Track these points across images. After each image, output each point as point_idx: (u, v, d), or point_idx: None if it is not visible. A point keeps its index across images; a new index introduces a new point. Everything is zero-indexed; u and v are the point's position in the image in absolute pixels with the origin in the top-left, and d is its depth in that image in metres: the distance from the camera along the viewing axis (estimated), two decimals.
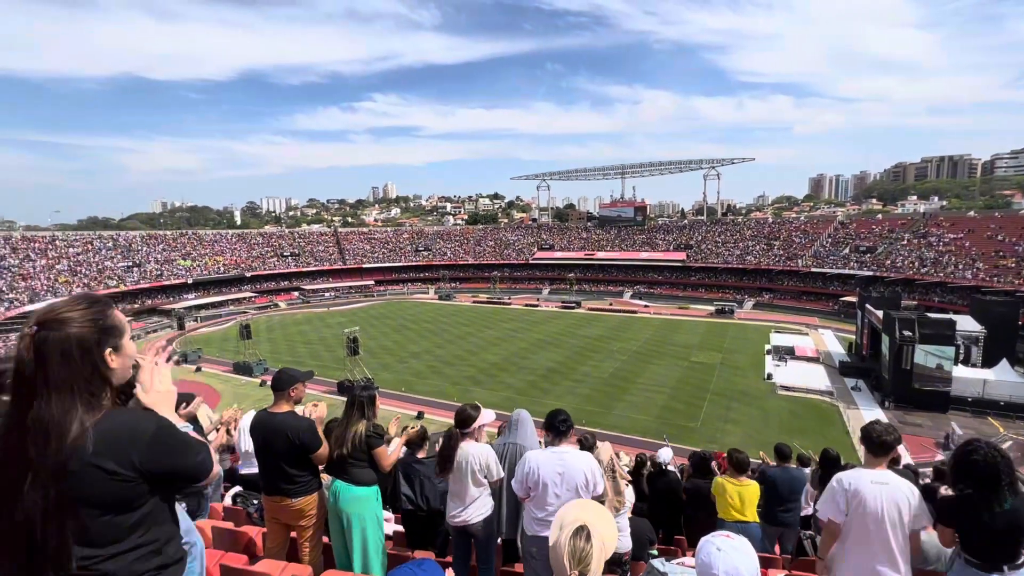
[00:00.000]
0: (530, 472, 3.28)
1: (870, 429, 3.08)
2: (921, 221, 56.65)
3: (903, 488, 2.82)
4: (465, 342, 41.94)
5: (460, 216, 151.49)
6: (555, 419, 3.43)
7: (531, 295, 70.33)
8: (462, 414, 3.82)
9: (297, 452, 3.33)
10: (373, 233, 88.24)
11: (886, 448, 3.00)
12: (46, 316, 1.30)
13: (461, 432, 3.78)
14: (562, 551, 1.55)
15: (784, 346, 36.41)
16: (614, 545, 1.66)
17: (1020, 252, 43.21)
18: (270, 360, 34.78)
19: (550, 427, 3.44)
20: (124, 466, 1.30)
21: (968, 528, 2.75)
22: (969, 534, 2.76)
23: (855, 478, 2.93)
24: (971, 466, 2.76)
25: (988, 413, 24.54)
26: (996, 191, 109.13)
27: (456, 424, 3.83)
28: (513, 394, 27.61)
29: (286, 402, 3.44)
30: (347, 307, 63.05)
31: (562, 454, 3.27)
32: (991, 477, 2.71)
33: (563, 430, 3.38)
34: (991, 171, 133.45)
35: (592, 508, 1.75)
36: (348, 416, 3.57)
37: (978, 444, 2.81)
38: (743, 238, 67.00)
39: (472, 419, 3.78)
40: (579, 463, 3.25)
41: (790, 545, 5.63)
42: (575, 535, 1.55)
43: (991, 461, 2.72)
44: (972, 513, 2.75)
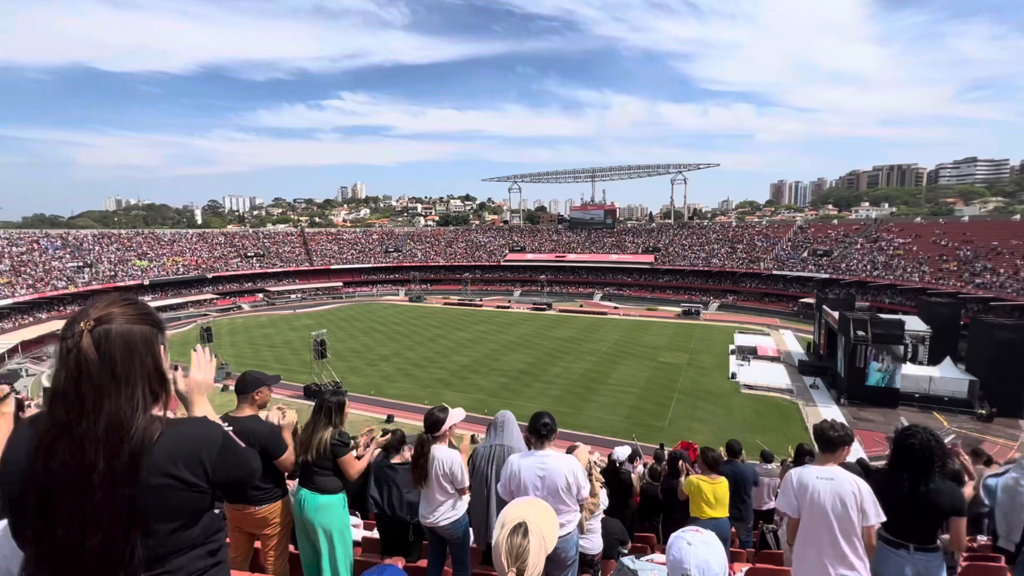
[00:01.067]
0: (512, 475, 3.29)
1: (821, 428, 3.23)
2: (873, 226, 59.58)
3: (848, 483, 2.92)
4: (436, 344, 41.61)
5: (431, 217, 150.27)
6: (538, 423, 3.44)
7: (503, 297, 70.41)
8: (431, 418, 3.79)
9: (260, 458, 3.24)
10: (342, 234, 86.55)
11: (834, 445, 3.14)
12: (101, 311, 1.22)
13: (432, 436, 3.76)
14: (500, 549, 1.56)
15: (747, 346, 37.60)
16: (555, 541, 1.68)
17: (961, 256, 45.97)
18: (233, 364, 33.62)
19: (533, 431, 3.46)
20: (199, 476, 1.25)
21: (890, 505, 2.92)
22: (891, 511, 2.93)
23: (803, 474, 3.06)
24: (908, 449, 2.94)
25: (933, 408, 25.98)
26: (940, 199, 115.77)
27: (426, 429, 3.80)
28: (484, 396, 27.54)
29: (250, 406, 3.33)
30: (314, 309, 61.61)
31: (544, 458, 3.29)
32: (925, 459, 2.90)
33: (544, 434, 3.39)
34: (936, 180, 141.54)
35: (534, 506, 1.76)
36: (315, 422, 3.48)
37: (916, 429, 3.00)
38: (708, 241, 68.91)
39: (441, 422, 3.76)
40: (561, 467, 3.28)
41: (743, 537, 5.83)
42: (512, 533, 1.56)
43: (926, 444, 2.92)
44: (897, 491, 2.93)
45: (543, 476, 3.22)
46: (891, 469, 3.09)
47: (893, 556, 2.94)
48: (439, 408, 3.86)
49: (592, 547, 3.88)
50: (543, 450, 3.35)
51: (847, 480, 2.96)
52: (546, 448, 3.37)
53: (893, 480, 2.99)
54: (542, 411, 3.53)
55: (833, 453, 3.15)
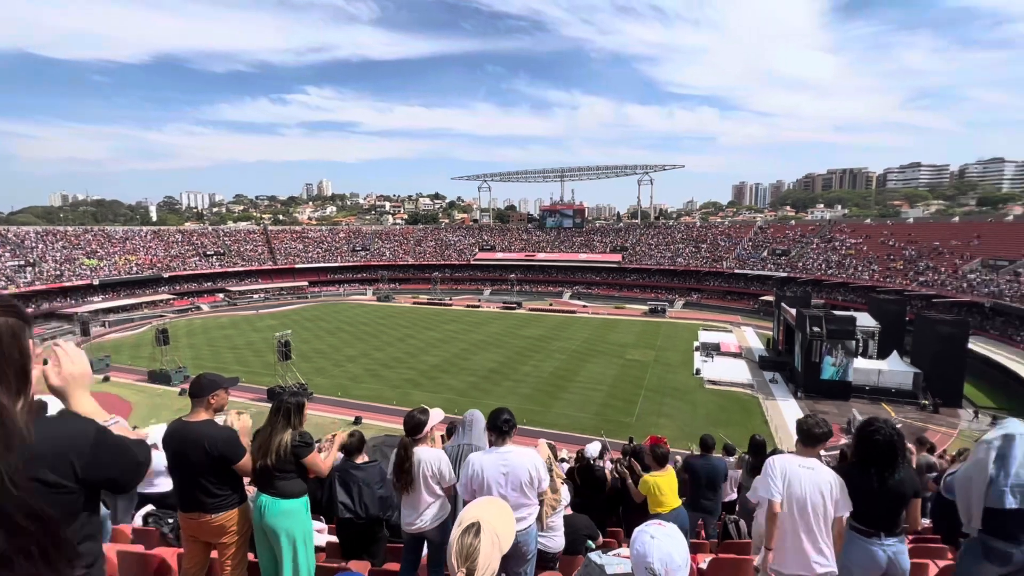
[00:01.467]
0: (474, 474, 3.27)
1: (804, 422, 3.36)
2: (827, 227, 62.34)
3: (827, 475, 3.08)
4: (405, 344, 41.12)
5: (399, 216, 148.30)
6: (498, 419, 3.42)
7: (473, 296, 70.16)
8: (412, 420, 3.71)
9: (217, 463, 3.10)
10: (307, 232, 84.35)
11: (817, 440, 3.28)
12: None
13: (413, 439, 3.69)
14: (451, 549, 1.56)
15: (711, 343, 38.72)
16: (510, 540, 1.68)
17: (907, 256, 48.65)
18: (191, 367, 32.30)
19: (493, 427, 3.45)
20: (64, 476, 1.17)
21: (860, 497, 3.07)
22: (860, 503, 3.08)
23: (787, 462, 3.18)
24: (873, 444, 3.08)
25: (882, 400, 27.42)
26: (888, 201, 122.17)
27: (407, 432, 3.73)
28: (454, 396, 27.38)
29: (205, 410, 3.19)
30: (278, 309, 59.86)
31: (506, 454, 3.29)
32: (890, 452, 3.05)
33: (506, 430, 3.38)
34: (884, 183, 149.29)
35: (490, 506, 1.77)
36: (272, 424, 3.34)
37: (878, 423, 3.14)
38: (674, 241, 70.59)
39: (423, 424, 3.70)
40: (523, 461, 3.28)
41: (712, 530, 6.01)
42: (464, 533, 1.57)
43: (889, 438, 3.07)
44: (866, 483, 3.08)
45: (506, 472, 3.21)
46: (857, 462, 3.22)
47: (866, 545, 3.05)
48: (419, 410, 3.79)
49: (553, 545, 3.87)
50: (504, 446, 3.34)
51: (826, 472, 3.11)
52: (507, 444, 3.37)
53: (861, 473, 3.12)
54: (501, 407, 3.51)
55: (815, 447, 3.28)
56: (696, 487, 6.03)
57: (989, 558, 3.23)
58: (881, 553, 3.00)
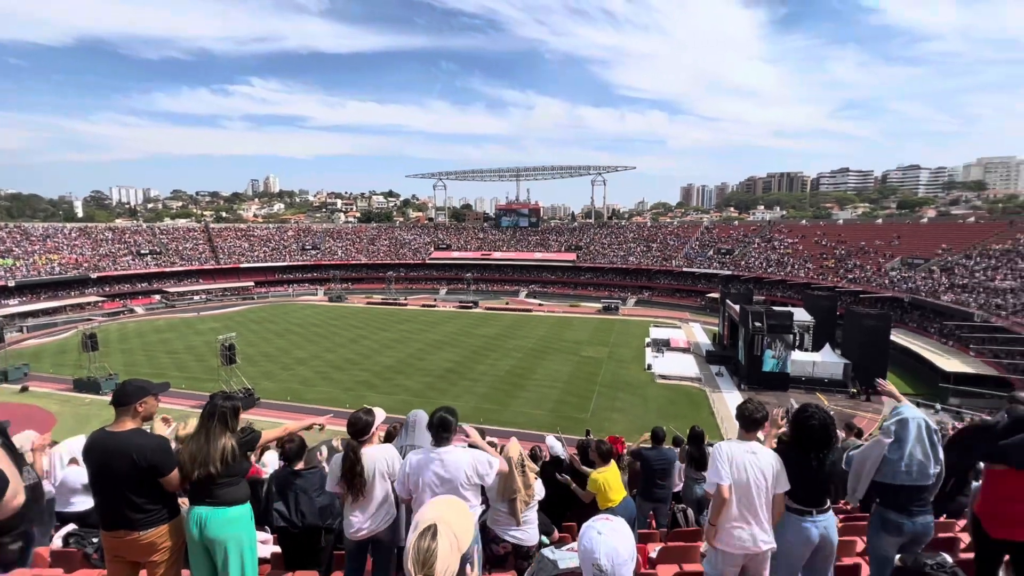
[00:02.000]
0: (409, 474, 3.23)
1: (743, 408, 3.52)
2: (767, 228, 65.89)
3: (768, 457, 3.26)
4: (358, 345, 40.10)
5: (352, 214, 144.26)
6: (432, 419, 3.38)
7: (428, 295, 69.39)
8: (358, 423, 3.59)
9: (145, 476, 2.87)
10: (253, 229, 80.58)
11: (757, 424, 3.44)
12: None
13: (360, 442, 3.57)
14: (408, 553, 1.50)
15: (661, 339, 40.05)
16: (469, 540, 1.63)
17: (837, 255, 52.17)
18: (124, 374, 30.14)
19: (429, 427, 3.41)
20: None
21: (795, 478, 3.28)
22: (795, 484, 3.28)
23: (733, 448, 3.33)
24: (809, 429, 3.29)
25: (816, 389, 29.28)
26: (821, 203, 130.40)
27: (353, 435, 3.59)
28: (410, 396, 26.99)
29: (132, 419, 2.94)
30: (221, 311, 56.88)
31: (442, 455, 3.24)
32: (823, 435, 3.27)
33: (443, 432, 3.33)
34: (817, 187, 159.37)
35: (448, 505, 1.72)
36: (206, 430, 3.06)
37: (812, 409, 3.35)
38: (626, 240, 72.52)
39: (370, 425, 3.58)
40: (460, 461, 3.25)
41: (664, 520, 6.23)
42: (421, 536, 1.51)
43: (822, 422, 3.29)
44: (801, 465, 3.28)
45: (442, 473, 3.18)
46: (793, 445, 3.42)
47: (800, 522, 3.26)
48: (364, 411, 3.67)
49: (528, 539, 3.90)
50: (443, 447, 3.30)
51: (768, 454, 3.28)
52: (449, 444, 3.33)
53: (796, 455, 3.32)
54: (441, 407, 3.48)
55: (755, 431, 3.45)
56: (648, 477, 6.23)
57: (886, 529, 3.55)
58: (814, 529, 3.21)
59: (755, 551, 3.19)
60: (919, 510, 3.48)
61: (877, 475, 3.58)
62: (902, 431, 3.54)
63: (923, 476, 3.44)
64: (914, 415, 3.59)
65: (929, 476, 3.45)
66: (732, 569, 3.28)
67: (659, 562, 4.07)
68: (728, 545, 3.26)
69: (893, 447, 3.54)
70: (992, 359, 29.33)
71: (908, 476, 3.46)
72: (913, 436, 3.50)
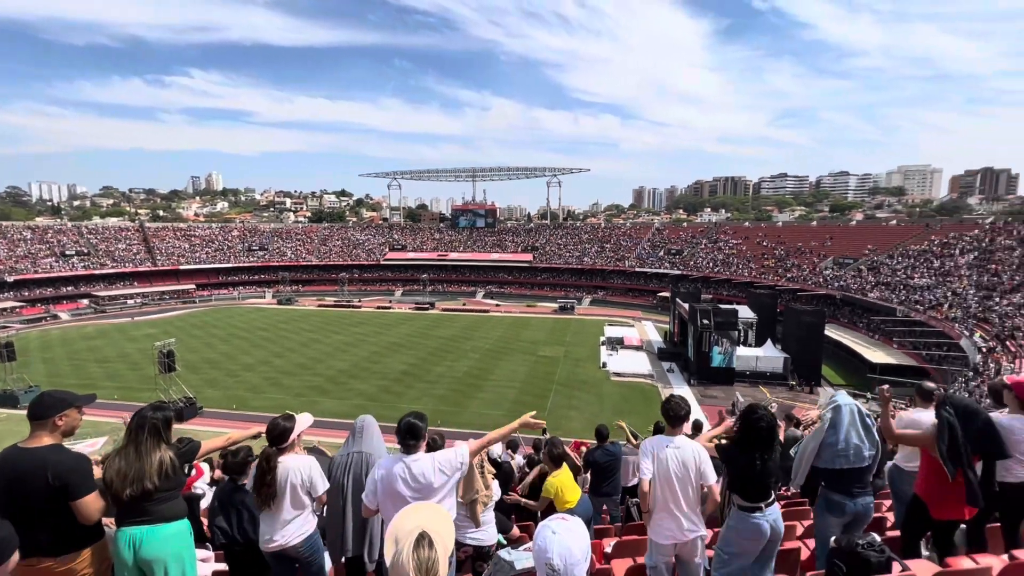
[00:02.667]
0: (380, 482, 3.18)
1: (666, 405, 3.66)
2: (713, 230, 68.88)
3: (692, 450, 3.42)
4: (309, 349, 38.76)
5: (302, 213, 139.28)
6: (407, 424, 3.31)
7: (383, 297, 68.05)
8: (275, 429, 3.45)
9: (61, 496, 2.59)
10: (194, 229, 76.18)
11: (681, 419, 3.59)
12: None
13: (279, 449, 3.44)
14: (407, 568, 1.40)
15: (615, 337, 41.04)
16: (453, 540, 1.62)
17: (777, 255, 55.25)
18: (46, 385, 27.74)
19: (398, 434, 3.38)
20: None
21: (742, 475, 3.46)
22: (741, 479, 3.46)
23: (656, 443, 3.51)
24: (757, 431, 3.46)
25: (759, 383, 30.88)
26: (762, 206, 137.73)
27: (271, 441, 3.44)
28: (364, 401, 26.36)
29: (49, 434, 2.65)
30: (159, 316, 53.50)
31: (409, 463, 3.21)
32: (769, 437, 3.45)
33: (409, 440, 3.28)
34: (759, 191, 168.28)
35: (425, 511, 1.66)
36: (135, 444, 2.79)
37: (760, 411, 3.52)
38: (581, 241, 73.83)
39: (288, 431, 3.46)
40: (427, 467, 3.21)
41: (615, 513, 6.41)
42: (417, 546, 1.42)
43: (770, 424, 3.47)
44: (748, 464, 3.46)
45: (411, 482, 3.15)
46: (740, 444, 3.57)
47: (750, 518, 3.40)
48: (283, 416, 3.54)
49: (487, 538, 3.91)
50: (411, 455, 3.26)
51: (691, 448, 3.44)
52: (418, 452, 3.30)
53: (743, 454, 3.48)
54: (411, 412, 3.40)
55: (680, 426, 3.59)
56: (596, 475, 6.41)
57: (830, 510, 3.84)
58: (764, 523, 3.39)
59: (683, 540, 3.34)
60: (860, 491, 3.76)
61: (819, 461, 3.84)
62: (837, 417, 3.82)
63: (860, 458, 3.71)
64: (847, 402, 3.88)
65: (865, 458, 3.72)
66: (665, 558, 3.42)
67: (614, 556, 4.17)
68: (658, 536, 3.40)
69: (830, 432, 3.82)
70: (912, 351, 31.93)
71: (846, 459, 3.73)
72: (847, 421, 3.78)
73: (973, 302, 32.11)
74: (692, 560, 3.43)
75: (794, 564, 3.99)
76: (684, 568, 3.48)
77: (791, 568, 3.93)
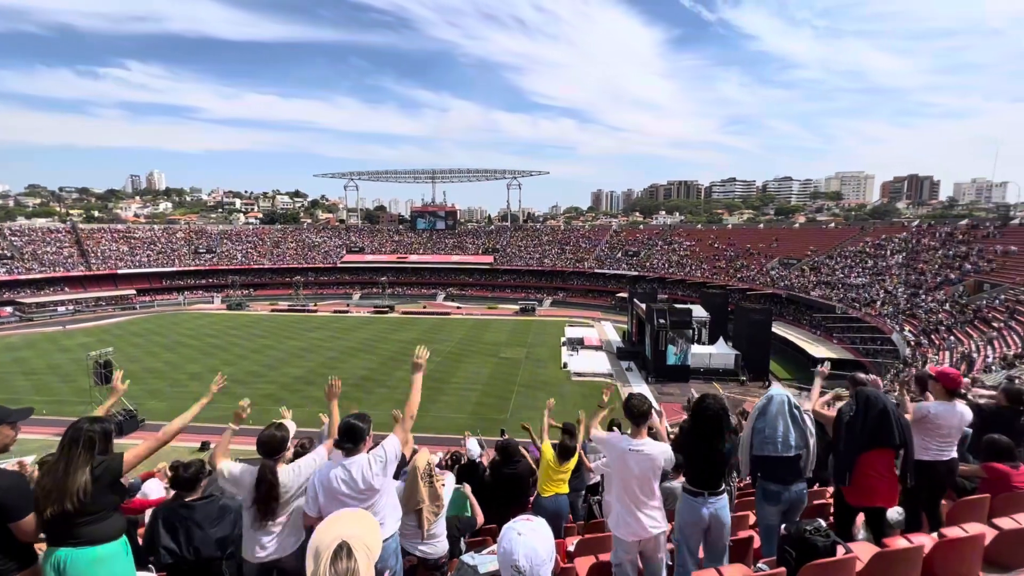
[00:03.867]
0: (320, 487, 3.08)
1: (628, 404, 3.75)
2: (668, 232, 71.12)
3: (653, 449, 3.51)
4: (262, 356, 37.26)
5: (253, 214, 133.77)
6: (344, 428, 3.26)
7: (340, 300, 66.33)
8: (271, 441, 3.33)
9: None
10: (133, 231, 71.73)
11: (644, 416, 3.69)
12: None
13: (275, 460, 3.33)
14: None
15: (576, 338, 41.62)
16: (379, 546, 1.58)
17: (728, 256, 57.65)
18: None
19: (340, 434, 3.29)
20: None
21: (693, 463, 3.58)
22: (693, 468, 3.59)
23: (616, 442, 3.59)
24: (706, 418, 3.60)
25: (713, 379, 32.09)
26: (713, 210, 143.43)
27: (267, 454, 3.33)
28: (321, 408, 25.19)
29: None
30: (95, 324, 50.04)
31: (348, 465, 3.14)
32: (718, 423, 3.59)
33: (348, 444, 3.21)
34: (710, 194, 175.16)
35: (345, 519, 1.60)
36: (66, 460, 2.60)
37: (709, 399, 3.68)
38: (541, 243, 74.51)
39: (284, 442, 3.36)
40: (363, 466, 3.16)
41: (579, 511, 6.50)
42: (335, 559, 1.37)
43: (717, 411, 3.61)
44: (699, 451, 3.59)
45: (350, 483, 3.09)
46: (693, 432, 3.70)
47: (694, 503, 3.57)
48: (275, 426, 3.41)
49: (436, 552, 3.85)
50: (350, 457, 3.20)
51: (650, 446, 3.53)
52: (360, 453, 3.24)
53: (695, 442, 3.61)
54: (352, 413, 3.37)
55: (643, 424, 3.68)
56: None
57: (767, 499, 4.04)
58: (705, 510, 3.53)
59: (646, 536, 3.43)
60: (793, 479, 3.96)
61: (755, 450, 4.03)
62: (768, 406, 4.03)
63: (787, 447, 3.88)
64: (779, 392, 4.09)
65: (792, 447, 3.89)
66: (629, 556, 3.51)
67: (577, 555, 4.22)
68: (621, 533, 3.48)
69: (760, 419, 4.02)
70: (850, 345, 34.04)
71: (774, 447, 3.91)
72: (775, 411, 3.98)
73: (902, 299, 34.59)
74: (655, 556, 3.52)
75: (747, 553, 4.17)
76: (648, 564, 3.56)
77: (745, 556, 4.10)
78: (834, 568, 3.09)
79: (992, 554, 3.62)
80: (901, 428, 3.78)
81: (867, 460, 3.85)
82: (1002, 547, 3.63)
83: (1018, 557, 3.64)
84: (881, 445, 3.80)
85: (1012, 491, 4.39)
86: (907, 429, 3.83)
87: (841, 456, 4.01)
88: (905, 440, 3.79)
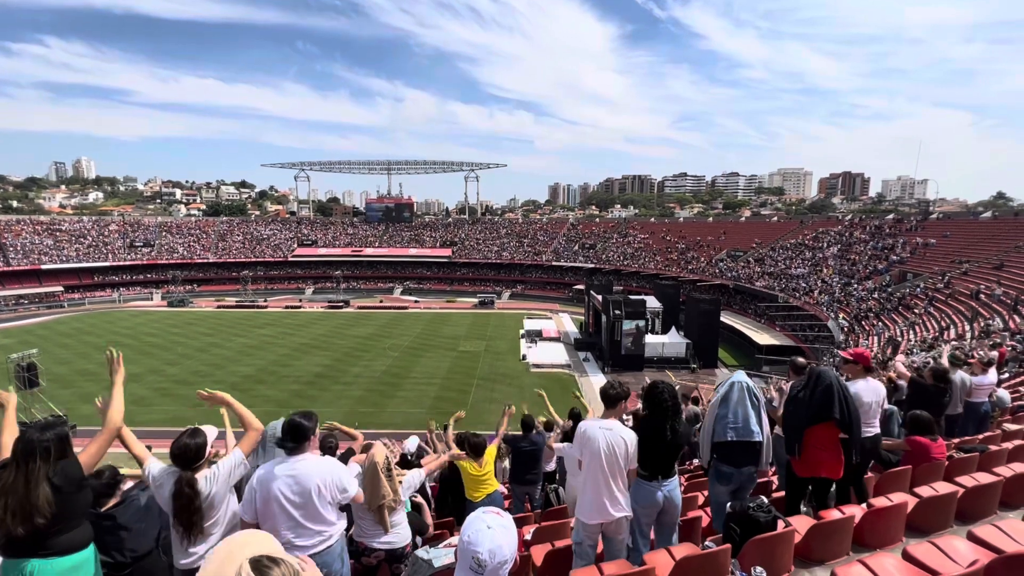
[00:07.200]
0: (257, 490, 2.93)
1: (605, 388, 3.82)
2: (623, 225, 72.77)
3: (623, 434, 3.57)
4: (207, 355, 35.46)
5: (195, 206, 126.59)
6: (287, 427, 3.11)
7: (292, 295, 64.10)
8: (185, 451, 2.99)
9: None
10: (59, 223, 66.33)
11: (614, 401, 3.75)
12: None
13: (195, 469, 3.03)
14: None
15: (534, 330, 42.04)
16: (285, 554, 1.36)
17: (679, 249, 59.67)
18: None
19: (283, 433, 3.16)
20: None
21: (647, 448, 3.69)
22: (646, 453, 3.70)
23: (588, 425, 3.65)
24: (660, 401, 3.70)
25: (666, 367, 33.17)
26: (666, 203, 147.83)
27: (182, 465, 3.01)
28: (274, 408, 24.60)
29: None
30: (15, 324, 46.04)
31: (293, 464, 3.00)
32: (673, 404, 3.71)
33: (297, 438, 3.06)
34: (663, 189, 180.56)
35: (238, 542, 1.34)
36: (24, 475, 2.42)
37: (660, 385, 3.79)
38: (499, 236, 74.52)
39: (201, 449, 3.04)
40: (312, 472, 3.01)
41: (537, 501, 6.59)
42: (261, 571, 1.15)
43: (670, 393, 3.74)
44: (653, 436, 3.70)
45: (293, 485, 2.96)
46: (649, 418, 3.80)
47: (648, 487, 3.68)
48: (189, 433, 3.07)
49: (399, 540, 3.79)
50: (296, 455, 3.07)
51: (623, 432, 3.59)
52: (303, 453, 3.10)
53: (649, 427, 3.72)
54: (299, 411, 3.22)
55: (614, 408, 3.75)
56: (520, 464, 6.52)
57: (719, 479, 4.25)
58: (659, 493, 3.65)
59: (610, 520, 3.52)
60: (745, 462, 4.16)
61: (716, 436, 4.21)
62: (729, 392, 4.22)
63: (748, 432, 4.08)
64: (739, 379, 4.28)
65: (752, 433, 4.09)
66: (591, 537, 3.59)
67: (533, 543, 4.26)
68: (586, 516, 3.56)
69: (722, 405, 4.20)
70: (791, 332, 36.09)
71: (735, 432, 4.10)
72: (736, 397, 4.17)
73: (837, 288, 36.95)
74: (617, 536, 3.60)
75: (696, 531, 4.35)
76: (608, 543, 3.64)
77: (693, 535, 4.28)
78: (775, 541, 3.28)
79: (913, 520, 3.95)
80: (844, 403, 4.05)
81: (813, 433, 4.13)
82: (922, 513, 3.97)
83: (936, 522, 3.99)
84: (824, 419, 4.05)
85: (931, 462, 4.80)
86: (851, 405, 4.09)
87: (790, 430, 4.26)
88: (849, 417, 4.05)
